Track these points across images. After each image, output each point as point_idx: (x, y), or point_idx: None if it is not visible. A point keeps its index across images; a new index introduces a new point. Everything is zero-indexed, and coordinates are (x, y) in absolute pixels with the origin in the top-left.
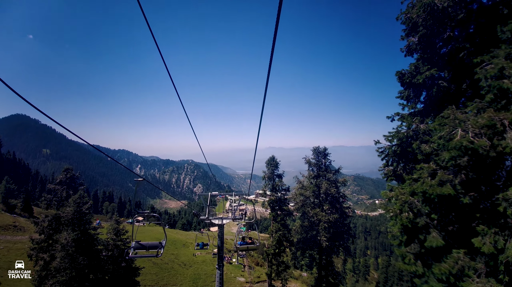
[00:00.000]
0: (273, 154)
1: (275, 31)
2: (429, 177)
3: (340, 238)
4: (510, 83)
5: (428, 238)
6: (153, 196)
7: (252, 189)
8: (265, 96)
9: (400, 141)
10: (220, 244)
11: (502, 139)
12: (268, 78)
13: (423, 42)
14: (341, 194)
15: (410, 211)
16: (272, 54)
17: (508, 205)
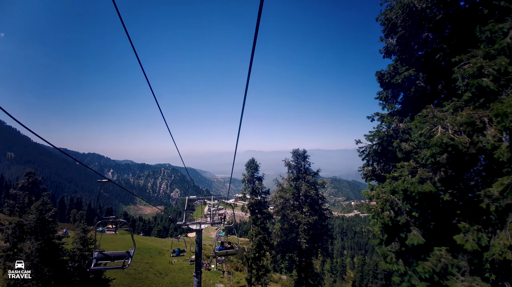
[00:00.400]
0: (253, 157)
1: (255, 34)
2: (409, 175)
3: (319, 240)
4: (490, 81)
5: (409, 236)
6: (126, 202)
7: (232, 193)
8: (244, 99)
9: (381, 140)
10: (198, 250)
11: (482, 136)
12: (248, 81)
13: (402, 43)
14: (320, 196)
15: (391, 209)
16: (252, 57)
17: (491, 202)
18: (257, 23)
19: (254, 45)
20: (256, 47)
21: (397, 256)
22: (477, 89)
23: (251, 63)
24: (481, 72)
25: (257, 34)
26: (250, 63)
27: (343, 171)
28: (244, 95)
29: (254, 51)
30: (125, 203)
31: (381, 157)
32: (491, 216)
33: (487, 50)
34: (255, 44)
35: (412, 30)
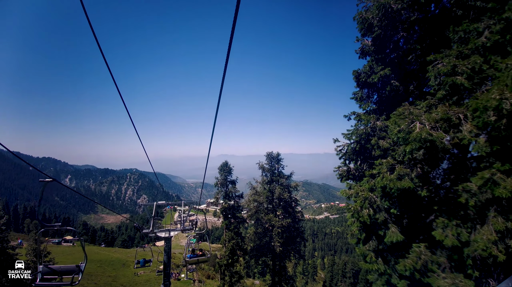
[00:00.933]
0: (226, 160)
1: (231, 38)
2: (388, 171)
3: (293, 242)
4: (464, 79)
5: (387, 233)
6: (86, 211)
7: (204, 198)
8: (218, 103)
9: (359, 137)
10: (167, 260)
11: (459, 132)
12: (223, 83)
13: (377, 43)
14: (293, 198)
15: (370, 207)
16: (228, 59)
17: (469, 197)
18: (232, 29)
19: (229, 49)
20: (231, 49)
21: (376, 255)
22: (451, 87)
23: (225, 66)
24: (455, 70)
25: (233, 37)
26: (225, 66)
27: (314, 175)
28: (218, 98)
29: (229, 53)
30: (85, 212)
31: (358, 156)
32: (469, 211)
33: (460, 49)
34: (230, 47)
35: (388, 30)
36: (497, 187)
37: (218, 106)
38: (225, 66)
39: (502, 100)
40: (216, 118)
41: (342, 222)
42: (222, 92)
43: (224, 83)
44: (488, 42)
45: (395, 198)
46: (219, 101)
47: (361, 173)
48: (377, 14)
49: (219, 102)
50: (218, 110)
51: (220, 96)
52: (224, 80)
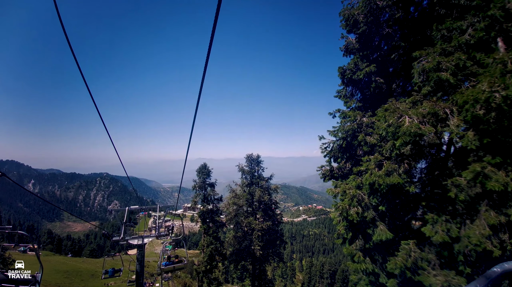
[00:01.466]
0: (205, 162)
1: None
2: (376, 168)
3: (273, 245)
4: (449, 75)
5: (376, 231)
6: (51, 218)
7: (181, 203)
8: (197, 103)
9: (346, 134)
10: (140, 269)
11: (446, 126)
12: (203, 82)
13: (362, 40)
14: (273, 201)
15: (359, 205)
16: (208, 58)
17: (458, 191)
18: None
19: (210, 49)
20: (211, 52)
21: (364, 254)
22: (436, 83)
23: (205, 69)
24: (439, 67)
25: (213, 36)
26: (204, 68)
27: (291, 178)
28: (198, 99)
29: (209, 53)
30: (50, 220)
31: (344, 153)
32: (458, 207)
33: (443, 47)
34: (211, 47)
35: (373, 27)
36: (489, 180)
37: (197, 109)
38: (205, 68)
39: (493, 93)
40: (195, 121)
41: (319, 224)
42: (201, 94)
43: (203, 86)
44: (471, 39)
45: (383, 195)
46: (197, 104)
47: (346, 172)
48: (363, 11)
49: (198, 105)
50: (197, 113)
51: (199, 98)
52: (203, 83)
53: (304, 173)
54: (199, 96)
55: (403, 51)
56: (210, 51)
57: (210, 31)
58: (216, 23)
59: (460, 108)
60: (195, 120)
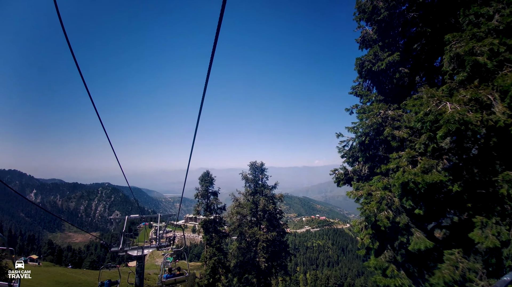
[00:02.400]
0: (207, 170)
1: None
2: (409, 165)
3: (278, 257)
4: (486, 59)
5: (412, 239)
6: (52, 229)
7: (182, 213)
8: (199, 113)
9: (369, 129)
10: (139, 282)
11: (492, 113)
12: (205, 92)
13: (382, 27)
14: (278, 210)
15: (389, 208)
16: (210, 69)
17: (511, 187)
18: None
19: (213, 55)
20: (214, 55)
21: (397, 267)
22: (472, 68)
23: (207, 79)
24: (474, 51)
25: (216, 43)
26: (206, 79)
27: (293, 188)
28: (200, 108)
29: (212, 60)
30: (51, 230)
31: (366, 151)
32: (507, 206)
33: (474, 31)
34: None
35: (395, 13)
36: None
37: (199, 119)
38: (206, 79)
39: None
40: (197, 130)
41: (323, 235)
42: (203, 104)
43: (205, 95)
44: (500, 25)
45: (420, 196)
46: (199, 114)
47: (364, 175)
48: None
49: (200, 115)
50: (199, 123)
51: (201, 108)
52: (205, 92)
53: (306, 183)
54: (201, 106)
55: (426, 40)
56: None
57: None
58: (220, 25)
59: (503, 94)
60: (197, 130)
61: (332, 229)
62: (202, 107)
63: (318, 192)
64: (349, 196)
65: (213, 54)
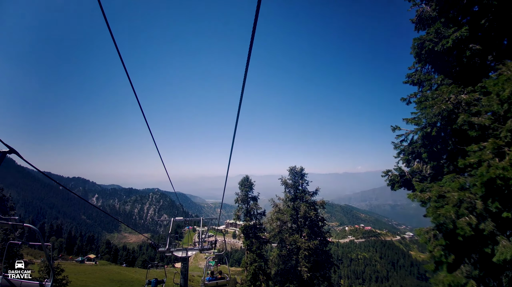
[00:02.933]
0: (247, 175)
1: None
2: (495, 158)
3: (321, 268)
4: None
5: (497, 249)
6: (110, 230)
7: (223, 219)
8: (237, 122)
9: (436, 117)
10: (184, 283)
11: None
12: (241, 100)
13: (442, 3)
14: (319, 217)
15: (470, 213)
16: (245, 79)
17: None
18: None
19: (248, 64)
20: (249, 65)
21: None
22: None
23: (243, 88)
24: None
25: (251, 52)
26: (242, 87)
27: (334, 195)
28: (237, 117)
29: (247, 70)
30: (109, 231)
31: (433, 144)
32: None
33: None
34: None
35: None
36: None
37: (236, 126)
38: (242, 87)
39: None
40: (234, 138)
41: (369, 247)
42: (240, 111)
43: (242, 102)
44: None
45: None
46: (236, 121)
47: (427, 175)
48: None
49: (237, 123)
50: (236, 130)
51: (238, 116)
52: (242, 99)
53: (347, 190)
54: (238, 114)
55: (493, 16)
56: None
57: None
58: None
59: None
60: (234, 137)
61: (379, 241)
62: (239, 116)
63: (361, 200)
64: (412, 199)
65: (249, 57)
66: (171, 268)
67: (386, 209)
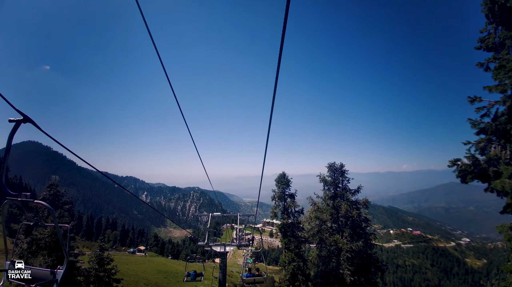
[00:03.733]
0: (283, 171)
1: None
2: None
3: (366, 272)
4: None
5: None
6: (157, 224)
7: (259, 218)
8: (270, 122)
9: None
10: (222, 278)
11: None
12: (274, 100)
13: None
14: (362, 217)
15: None
16: (277, 77)
17: None
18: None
19: (279, 64)
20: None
21: None
22: None
23: (275, 85)
24: None
25: (282, 51)
26: (275, 85)
27: (376, 196)
28: (270, 116)
29: (279, 69)
30: (157, 225)
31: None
32: None
33: None
34: (280, 60)
35: None
36: None
37: (270, 126)
38: (275, 85)
39: None
40: (268, 138)
41: (418, 253)
42: (274, 108)
43: (274, 101)
44: None
45: None
46: (270, 120)
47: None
48: None
49: (271, 121)
50: (270, 129)
51: (271, 114)
52: (274, 99)
53: (391, 190)
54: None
55: None
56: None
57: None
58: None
59: None
60: (268, 136)
61: (430, 247)
62: (272, 114)
63: (408, 202)
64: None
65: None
66: (212, 263)
67: (438, 213)
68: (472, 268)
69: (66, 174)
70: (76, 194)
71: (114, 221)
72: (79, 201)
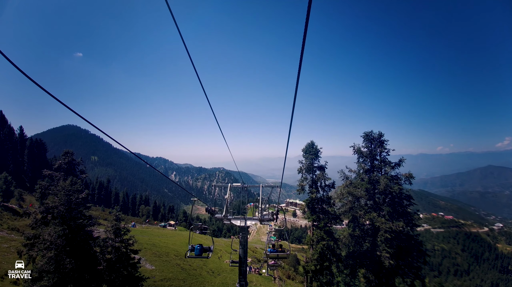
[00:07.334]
0: (312, 140)
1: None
2: None
3: (407, 255)
4: None
5: None
6: (186, 202)
7: (282, 198)
8: (294, 101)
9: None
10: (243, 254)
11: None
12: (298, 80)
13: None
14: (404, 194)
15: None
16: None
17: None
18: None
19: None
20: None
21: None
22: None
23: (300, 65)
24: None
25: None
26: (299, 67)
27: None
28: (294, 96)
29: (304, 48)
30: (185, 203)
31: None
32: None
33: None
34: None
35: None
36: None
37: (294, 105)
38: (299, 67)
39: None
40: (292, 118)
41: (448, 238)
42: (298, 87)
43: (299, 77)
44: None
45: None
46: (294, 100)
47: None
48: None
49: (295, 101)
50: (294, 109)
51: (295, 94)
52: (298, 81)
53: (423, 173)
54: (296, 93)
55: None
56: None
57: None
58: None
59: None
60: (292, 117)
61: (462, 232)
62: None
63: (440, 186)
64: None
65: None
66: (236, 238)
67: (473, 197)
68: (503, 253)
69: (103, 155)
70: (113, 173)
71: (146, 198)
72: (116, 180)
